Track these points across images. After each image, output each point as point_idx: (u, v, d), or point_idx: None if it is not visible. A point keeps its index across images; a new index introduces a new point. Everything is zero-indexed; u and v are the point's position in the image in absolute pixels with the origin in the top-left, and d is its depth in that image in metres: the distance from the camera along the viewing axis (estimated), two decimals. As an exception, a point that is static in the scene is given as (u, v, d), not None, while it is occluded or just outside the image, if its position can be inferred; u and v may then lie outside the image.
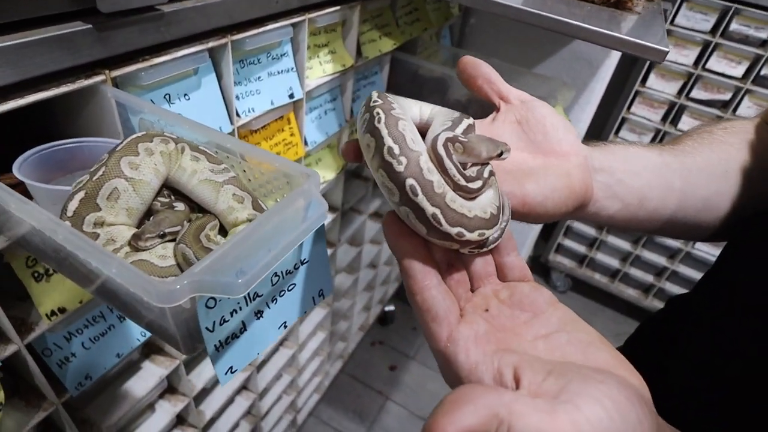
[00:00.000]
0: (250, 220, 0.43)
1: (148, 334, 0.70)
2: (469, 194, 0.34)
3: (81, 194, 0.39)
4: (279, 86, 0.79)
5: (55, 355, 0.60)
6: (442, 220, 0.31)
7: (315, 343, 1.42)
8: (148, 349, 0.81)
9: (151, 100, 0.59)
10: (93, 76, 0.50)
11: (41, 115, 0.55)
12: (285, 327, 0.44)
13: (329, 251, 1.24)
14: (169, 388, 0.89)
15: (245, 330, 0.40)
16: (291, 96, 0.82)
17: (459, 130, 0.36)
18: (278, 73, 0.79)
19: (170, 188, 0.45)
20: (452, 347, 0.30)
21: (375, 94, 0.37)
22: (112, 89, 0.51)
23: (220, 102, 0.69)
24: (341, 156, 0.38)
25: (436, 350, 0.31)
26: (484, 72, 0.44)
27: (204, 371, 0.93)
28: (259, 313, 0.41)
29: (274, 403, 1.31)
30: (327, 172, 1.07)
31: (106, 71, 0.51)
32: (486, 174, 0.35)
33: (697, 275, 2.00)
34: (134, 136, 0.42)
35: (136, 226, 0.42)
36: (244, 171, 0.46)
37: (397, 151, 0.31)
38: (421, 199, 0.31)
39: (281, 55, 0.78)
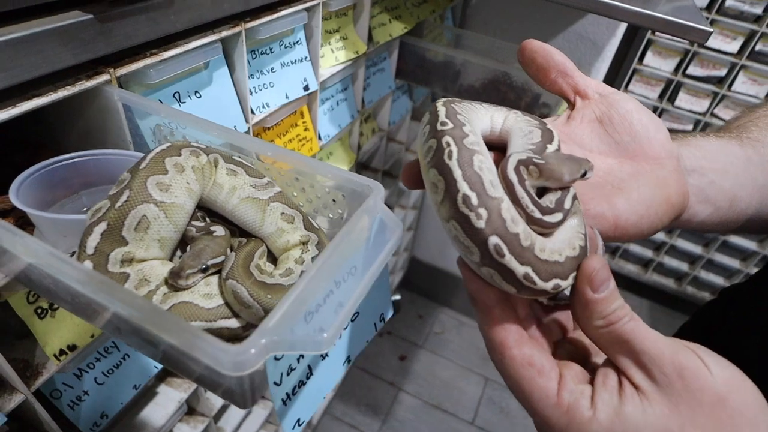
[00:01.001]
0: (303, 243, 0.36)
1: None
2: (546, 229, 0.28)
3: (102, 226, 0.31)
4: (293, 77, 0.72)
5: (65, 396, 0.53)
6: (536, 279, 0.26)
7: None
8: (164, 372, 0.74)
9: (160, 100, 0.52)
10: (95, 76, 0.42)
11: (33, 121, 0.47)
12: (349, 362, 0.38)
13: (340, 249, 1.17)
14: (188, 409, 0.82)
15: (312, 374, 0.33)
16: (306, 88, 0.74)
17: (550, 150, 0.30)
18: (291, 63, 0.71)
19: (203, 208, 0.38)
20: (569, 396, 0.27)
21: (441, 106, 0.31)
22: (119, 90, 0.43)
23: (233, 98, 0.61)
24: (400, 180, 0.31)
25: (549, 405, 0.27)
26: (559, 62, 0.37)
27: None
28: (324, 354, 0.34)
29: (289, 409, 1.25)
30: (340, 166, 0.99)
31: (111, 70, 0.43)
32: (568, 203, 0.29)
33: (694, 249, 2.00)
34: (159, 149, 0.35)
35: (170, 259, 0.35)
36: (290, 184, 0.39)
37: (474, 201, 0.26)
38: (509, 260, 0.26)
39: (294, 44, 0.70)
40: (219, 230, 0.36)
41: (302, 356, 0.32)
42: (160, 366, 0.63)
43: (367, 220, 0.34)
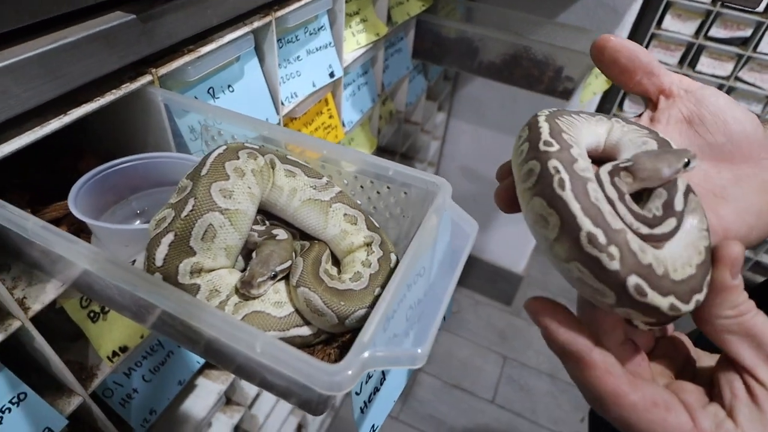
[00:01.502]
0: (367, 244, 0.36)
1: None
2: (660, 242, 0.25)
3: (170, 237, 0.31)
4: (319, 65, 0.70)
5: (116, 395, 0.54)
6: (681, 306, 0.24)
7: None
8: (201, 365, 0.75)
9: (195, 97, 0.50)
10: (138, 77, 0.41)
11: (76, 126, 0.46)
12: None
13: (361, 234, 1.17)
14: (225, 400, 0.83)
15: (385, 379, 0.33)
16: (332, 75, 0.72)
17: (676, 167, 0.26)
18: (317, 50, 0.69)
19: (261, 211, 0.37)
20: (709, 423, 0.25)
21: (543, 121, 0.27)
22: (162, 90, 0.42)
23: (264, 90, 0.60)
24: (496, 203, 0.30)
25: None
26: (645, 63, 0.33)
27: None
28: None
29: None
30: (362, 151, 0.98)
31: (153, 70, 0.42)
32: (679, 203, 0.26)
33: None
34: (217, 153, 0.34)
35: (234, 266, 0.34)
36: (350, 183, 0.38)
37: (602, 239, 0.23)
38: (652, 297, 0.23)
39: (318, 29, 0.68)
40: (281, 234, 0.36)
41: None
42: (202, 361, 0.64)
43: (436, 219, 0.33)
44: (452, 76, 1.57)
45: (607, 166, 0.27)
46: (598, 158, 0.31)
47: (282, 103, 0.64)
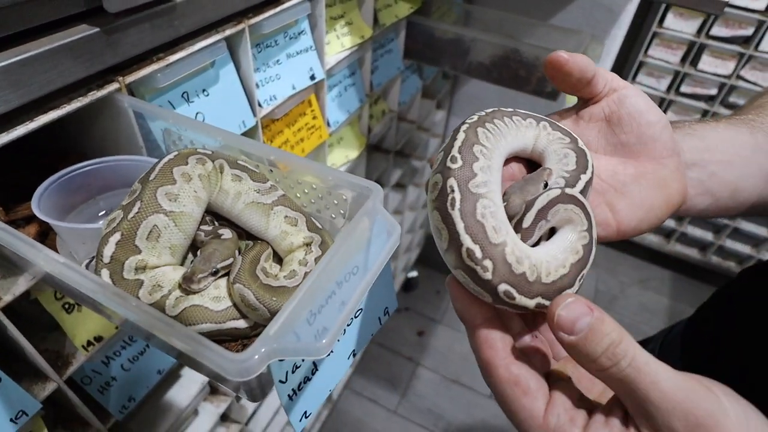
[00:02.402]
0: (307, 245, 0.38)
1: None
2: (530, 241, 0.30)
3: (117, 236, 0.34)
4: (299, 68, 0.72)
5: (95, 382, 0.57)
6: (547, 303, 0.28)
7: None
8: (186, 355, 0.79)
9: (169, 102, 0.53)
10: (105, 85, 0.44)
11: (51, 131, 0.49)
12: (354, 356, 0.40)
13: (354, 231, 1.19)
14: (211, 389, 0.86)
15: (317, 370, 0.36)
16: (312, 77, 0.75)
17: (583, 180, 0.32)
18: (297, 53, 0.71)
19: (212, 212, 0.40)
20: (556, 420, 0.26)
21: (461, 133, 0.31)
22: (129, 98, 0.45)
23: (240, 93, 0.62)
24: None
25: (534, 426, 0.27)
26: (591, 77, 0.35)
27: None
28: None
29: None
30: (351, 151, 1.01)
31: (120, 78, 0.45)
32: (551, 215, 0.30)
33: (722, 220, 1.96)
34: (167, 159, 0.37)
35: (181, 264, 0.37)
36: (293, 186, 0.41)
37: (478, 254, 0.27)
38: (520, 299, 0.27)
39: (299, 34, 0.71)
40: (226, 233, 0.38)
41: (307, 354, 0.34)
42: (182, 351, 0.67)
43: (368, 222, 0.35)
44: (451, 75, 1.58)
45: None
46: (528, 159, 0.36)
47: (260, 105, 0.67)
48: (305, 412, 0.35)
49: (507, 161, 0.35)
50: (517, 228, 0.30)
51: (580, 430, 0.26)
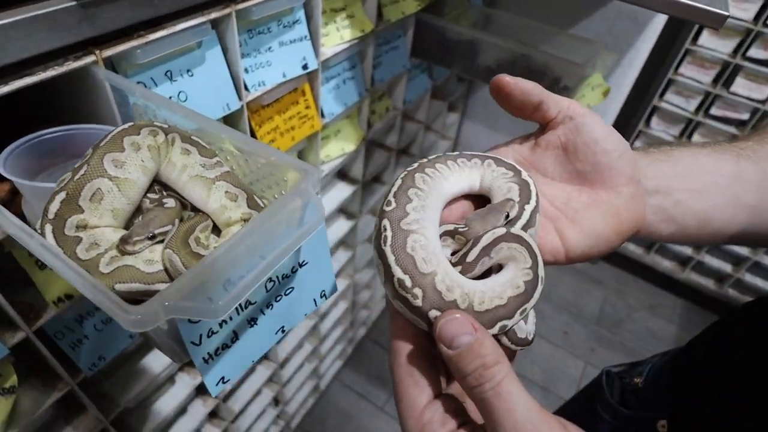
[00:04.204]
0: (244, 220, 0.40)
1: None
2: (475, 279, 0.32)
3: (62, 195, 0.36)
4: (291, 57, 0.74)
5: (67, 338, 0.60)
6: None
7: (337, 313, 1.42)
8: (166, 325, 0.82)
9: (151, 78, 0.56)
10: (83, 57, 0.47)
11: (33, 100, 0.53)
12: (283, 332, 0.42)
13: (350, 223, 1.21)
14: (188, 362, 0.90)
15: (237, 339, 0.37)
16: (305, 67, 0.77)
17: (528, 210, 0.34)
18: (290, 42, 0.74)
19: (161, 183, 0.42)
20: (430, 416, 0.29)
21: (399, 179, 0.34)
22: (104, 71, 0.48)
23: (226, 77, 0.65)
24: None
25: (411, 416, 0.29)
26: (534, 102, 0.37)
27: (222, 345, 0.94)
28: (252, 321, 0.38)
29: (296, 370, 1.33)
30: (347, 144, 1.02)
31: (97, 51, 0.47)
32: (494, 252, 0.32)
33: (740, 249, 1.89)
34: (120, 128, 0.39)
35: (125, 227, 0.39)
36: (241, 164, 0.43)
37: (408, 283, 0.29)
38: None
39: (293, 23, 0.73)
40: (170, 203, 0.40)
41: (225, 322, 0.36)
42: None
43: (300, 202, 0.37)
44: (465, 78, 1.58)
45: (449, 227, 0.34)
46: (478, 195, 0.38)
47: (247, 89, 0.69)
48: (223, 378, 0.37)
49: (457, 199, 0.38)
50: (461, 260, 0.32)
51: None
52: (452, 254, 0.34)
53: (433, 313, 0.29)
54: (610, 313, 2.14)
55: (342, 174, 1.15)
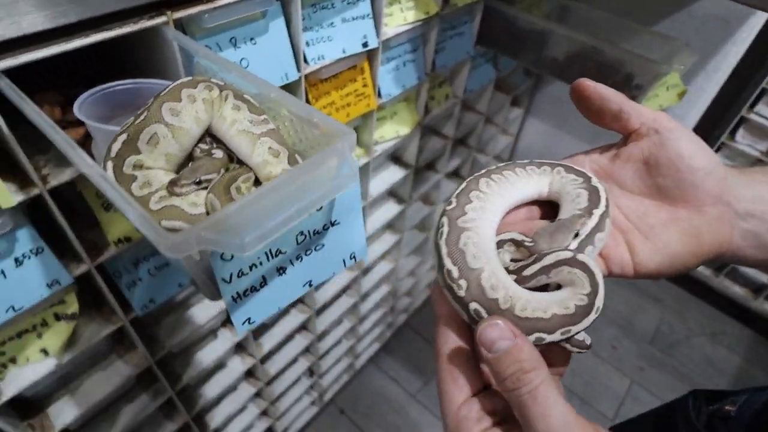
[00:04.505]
0: (282, 176, 0.42)
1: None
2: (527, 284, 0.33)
3: (124, 137, 0.40)
4: (352, 34, 0.76)
5: (124, 278, 0.66)
6: None
7: (378, 295, 1.44)
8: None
9: (217, 43, 0.59)
10: (155, 17, 0.50)
11: (108, 54, 0.58)
12: (310, 286, 0.43)
13: (399, 207, 1.22)
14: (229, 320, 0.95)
15: (265, 284, 0.40)
16: (365, 45, 0.78)
17: (592, 221, 0.33)
18: (353, 19, 0.75)
19: (212, 136, 0.45)
20: (467, 413, 0.30)
21: (463, 183, 0.36)
22: (174, 31, 0.51)
23: (287, 48, 0.67)
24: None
25: (449, 412, 0.31)
26: (614, 110, 0.37)
27: (264, 308, 0.99)
28: (281, 270, 0.40)
29: (333, 345, 1.37)
30: (402, 127, 1.03)
31: (168, 12, 0.51)
32: (545, 276, 0.33)
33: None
34: (180, 81, 0.42)
35: (175, 171, 0.43)
36: (290, 133, 0.45)
37: (455, 273, 0.31)
38: None
39: (357, 0, 0.74)
40: (218, 154, 0.43)
41: (255, 266, 0.38)
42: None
43: (335, 161, 0.38)
44: (534, 72, 1.54)
45: (517, 236, 0.35)
46: (546, 200, 0.39)
47: (307, 62, 0.72)
48: (249, 318, 0.40)
49: (521, 206, 0.39)
50: (518, 271, 0.33)
51: (480, 429, 0.30)
52: (512, 260, 0.35)
53: (473, 306, 0.31)
54: (665, 334, 2.02)
55: (395, 158, 1.16)
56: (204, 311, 0.83)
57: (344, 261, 0.45)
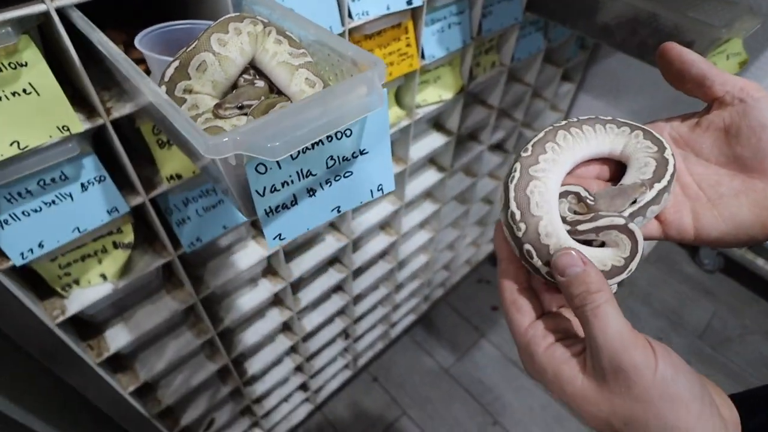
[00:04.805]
0: (317, 105, 0.44)
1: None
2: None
3: (176, 63, 0.43)
4: (398, -9, 0.77)
5: (175, 215, 0.71)
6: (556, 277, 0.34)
7: (416, 264, 1.46)
8: (257, 232, 0.92)
9: (267, -8, 0.62)
10: (211, -39, 0.54)
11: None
12: (338, 211, 0.46)
13: (439, 175, 1.23)
14: (271, 269, 1.00)
15: (296, 203, 0.43)
16: (409, 2, 0.79)
17: (650, 194, 0.36)
18: (398, -24, 0.76)
19: (255, 68, 0.48)
20: (533, 332, 0.35)
21: (541, 132, 0.39)
22: (227, -24, 0.55)
23: (333, 2, 0.70)
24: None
25: (518, 333, 0.36)
26: (696, 75, 0.37)
27: (302, 262, 1.03)
28: (311, 191, 0.43)
29: (369, 311, 1.40)
30: (445, 92, 1.04)
31: (223, -43, 0.54)
32: (594, 234, 0.36)
33: None
34: (228, 16, 0.46)
35: (220, 98, 0.46)
36: (323, 60, 0.47)
37: (518, 216, 0.35)
38: (536, 262, 0.35)
39: (403, -42, 0.75)
40: (260, 83, 0.46)
41: (286, 183, 0.41)
42: (244, 219, 0.79)
43: (365, 88, 0.40)
44: (590, 45, 1.49)
45: (581, 190, 0.38)
46: (617, 160, 0.41)
47: (351, 17, 0.73)
48: (279, 234, 0.43)
49: (594, 161, 0.41)
50: (572, 224, 0.36)
51: (547, 344, 0.34)
52: (571, 211, 0.38)
53: (527, 247, 0.35)
54: (717, 330, 1.93)
55: (437, 125, 1.17)
56: (246, 258, 0.88)
57: (371, 191, 0.47)
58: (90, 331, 0.77)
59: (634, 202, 0.36)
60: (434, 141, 1.13)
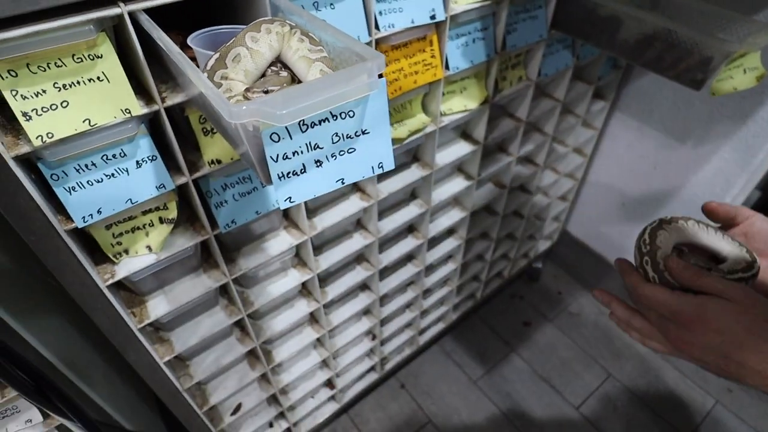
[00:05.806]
0: (329, 92, 0.52)
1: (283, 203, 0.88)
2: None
3: (216, 55, 0.53)
4: (422, 6, 0.85)
5: (214, 198, 0.81)
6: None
7: (444, 270, 1.51)
8: (288, 223, 1.01)
9: (302, 5, 0.72)
10: (253, -24, 0.64)
11: (217, 4, 0.73)
12: (342, 182, 0.53)
13: (466, 183, 1.28)
14: (300, 261, 1.08)
15: (305, 171, 0.50)
16: (433, 17, 0.87)
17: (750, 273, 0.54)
18: (423, -8, 0.84)
19: (281, 62, 0.57)
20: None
21: (662, 227, 0.58)
22: (266, -11, 0.64)
23: (361, 15, 0.79)
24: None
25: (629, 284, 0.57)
26: (731, 217, 0.60)
27: (330, 256, 1.11)
28: (318, 162, 0.51)
29: (396, 313, 1.45)
30: (470, 102, 1.10)
31: (263, -27, 0.64)
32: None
33: None
34: (262, 18, 0.55)
35: (250, 84, 0.55)
36: (338, 58, 0.55)
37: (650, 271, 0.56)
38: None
39: (427, -24, 0.84)
40: (284, 74, 0.55)
41: (297, 153, 0.49)
42: (277, 206, 0.88)
43: (366, 77, 0.48)
44: (623, 65, 1.51)
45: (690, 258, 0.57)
46: (711, 257, 0.59)
47: (378, 29, 0.82)
48: (290, 197, 0.50)
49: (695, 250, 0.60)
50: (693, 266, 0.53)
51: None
52: (689, 260, 0.55)
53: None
54: None
55: (465, 134, 1.23)
56: (277, 246, 0.97)
57: (372, 168, 0.54)
58: (134, 300, 0.88)
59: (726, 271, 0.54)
60: (461, 149, 1.19)
